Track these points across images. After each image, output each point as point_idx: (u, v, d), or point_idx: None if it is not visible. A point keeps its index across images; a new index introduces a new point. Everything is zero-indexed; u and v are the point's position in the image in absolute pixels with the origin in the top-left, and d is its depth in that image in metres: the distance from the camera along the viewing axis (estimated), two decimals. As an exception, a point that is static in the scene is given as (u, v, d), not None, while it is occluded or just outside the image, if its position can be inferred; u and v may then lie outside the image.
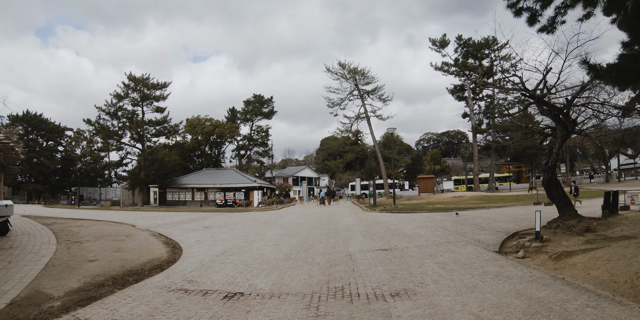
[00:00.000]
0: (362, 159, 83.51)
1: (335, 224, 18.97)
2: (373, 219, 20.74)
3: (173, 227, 19.09)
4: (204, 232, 16.92)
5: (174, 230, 17.67)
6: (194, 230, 17.44)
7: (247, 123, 74.01)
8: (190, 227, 19.18)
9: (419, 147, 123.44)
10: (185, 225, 19.84)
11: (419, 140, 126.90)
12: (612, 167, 75.93)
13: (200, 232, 16.94)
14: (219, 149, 68.66)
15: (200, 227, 19.13)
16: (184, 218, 25.15)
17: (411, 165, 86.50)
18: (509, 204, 26.82)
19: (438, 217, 20.16)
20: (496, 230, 13.96)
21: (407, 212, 24.63)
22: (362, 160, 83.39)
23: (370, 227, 16.61)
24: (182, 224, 20.52)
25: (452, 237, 12.76)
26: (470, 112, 55.04)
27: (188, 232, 16.94)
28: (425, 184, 52.31)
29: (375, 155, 65.17)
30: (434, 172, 66.03)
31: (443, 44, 55.58)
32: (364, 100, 54.49)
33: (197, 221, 22.65)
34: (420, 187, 52.44)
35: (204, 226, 19.43)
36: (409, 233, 14.11)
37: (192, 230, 17.73)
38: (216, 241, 13.77)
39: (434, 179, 56.01)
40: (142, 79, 52.05)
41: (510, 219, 17.51)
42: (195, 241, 13.85)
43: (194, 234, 16.23)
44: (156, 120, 52.98)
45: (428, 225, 16.46)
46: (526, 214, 19.05)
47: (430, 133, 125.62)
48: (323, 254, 10.58)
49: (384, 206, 30.56)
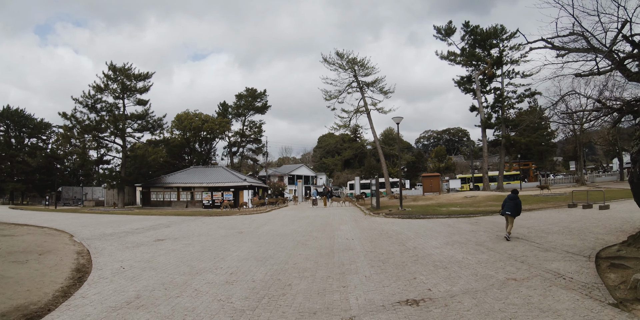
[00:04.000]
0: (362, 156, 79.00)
1: (330, 236, 14.41)
2: (379, 228, 16.16)
3: (118, 239, 15.03)
4: (148, 248, 12.60)
5: (114, 244, 13.77)
6: (137, 246, 13.18)
7: (239, 118, 69.40)
8: (138, 239, 14.85)
9: (419, 145, 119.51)
10: (135, 237, 15.65)
11: (418, 138, 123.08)
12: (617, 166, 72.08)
13: (143, 248, 12.65)
14: (209, 145, 64.26)
15: (151, 239, 14.78)
16: (146, 225, 20.97)
17: (412, 163, 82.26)
18: (537, 207, 22.53)
19: (463, 225, 15.64)
20: (564, 250, 9.64)
21: (418, 217, 20.13)
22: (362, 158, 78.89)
23: (378, 244, 12.03)
24: (133, 235, 16.41)
25: (511, 265, 8.31)
26: (479, 105, 50.67)
27: (129, 248, 12.81)
28: (430, 183, 47.86)
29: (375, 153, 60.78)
30: (438, 169, 61.73)
31: (449, 32, 51.10)
32: (363, 92, 49.78)
33: (157, 230, 18.41)
34: (425, 186, 48.02)
35: (157, 238, 15.05)
36: (437, 257, 9.58)
37: (136, 244, 13.50)
38: (145, 269, 9.37)
39: (440, 178, 51.52)
40: (123, 69, 47.22)
41: (563, 229, 13.18)
42: (119, 267, 9.62)
43: (132, 252, 11.94)
44: (137, 114, 48.24)
45: (458, 240, 11.93)
46: (574, 221, 15.13)
47: (430, 131, 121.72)
48: (301, 314, 6.04)
49: (389, 208, 26.08)
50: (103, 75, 46.35)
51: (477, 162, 70.83)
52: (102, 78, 46.34)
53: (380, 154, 50.21)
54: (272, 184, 61.09)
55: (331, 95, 50.28)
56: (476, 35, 50.72)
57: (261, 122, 69.09)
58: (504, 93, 51.07)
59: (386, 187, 48.87)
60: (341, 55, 49.23)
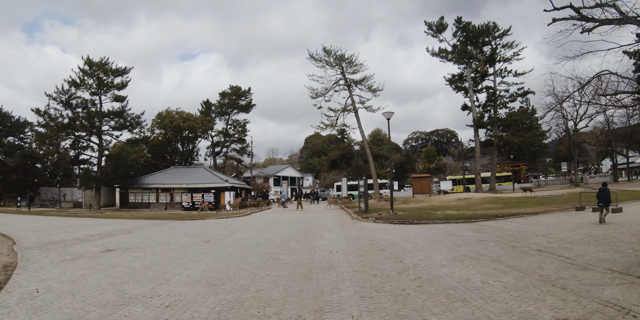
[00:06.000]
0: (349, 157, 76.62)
1: (310, 247, 12.03)
2: (369, 237, 13.85)
3: (62, 248, 12.74)
4: (86, 262, 10.27)
5: (52, 255, 11.58)
6: (77, 258, 10.89)
7: (222, 117, 66.84)
8: (84, 249, 12.52)
9: (407, 146, 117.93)
10: (83, 246, 13.29)
11: (407, 139, 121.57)
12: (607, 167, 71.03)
13: (81, 262, 10.34)
14: (192, 145, 61.71)
15: (99, 250, 12.42)
16: (106, 230, 18.49)
17: (400, 164, 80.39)
18: (540, 210, 20.55)
19: (467, 233, 13.42)
20: (606, 267, 7.60)
21: (413, 223, 17.92)
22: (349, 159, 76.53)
23: (369, 260, 9.70)
24: (83, 243, 14.01)
25: (550, 294, 6.10)
26: (471, 104, 48.86)
27: (65, 261, 10.57)
28: (421, 184, 45.54)
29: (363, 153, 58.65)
30: (428, 170, 59.78)
31: (440, 28, 49.20)
32: (351, 90, 47.57)
33: (114, 237, 15.97)
34: (415, 188, 45.74)
35: (106, 248, 12.64)
36: (448, 281, 7.26)
37: (77, 256, 11.22)
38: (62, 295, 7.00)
39: (430, 179, 49.46)
40: (100, 64, 44.40)
41: (586, 237, 11.14)
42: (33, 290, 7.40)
43: (64, 267, 9.67)
44: (114, 111, 45.38)
45: (467, 254, 9.67)
46: (591, 227, 13.39)
47: (418, 132, 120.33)
48: None
49: (379, 212, 23.85)
50: (79, 69, 43.53)
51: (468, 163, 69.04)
52: (78, 73, 43.50)
53: (368, 154, 48.07)
54: (255, 185, 58.62)
55: (317, 93, 48.07)
56: (468, 32, 49.06)
57: (245, 121, 66.68)
58: (497, 92, 49.40)
59: (374, 188, 46.79)
60: (328, 51, 47.00)
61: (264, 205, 40.84)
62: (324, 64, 47.38)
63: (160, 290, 7.37)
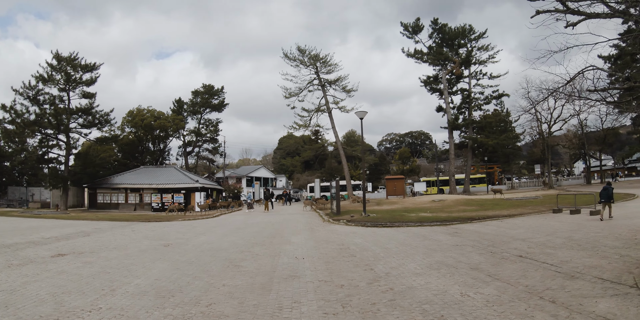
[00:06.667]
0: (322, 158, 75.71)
1: (275, 253, 11.11)
2: (339, 241, 13.00)
3: (12, 253, 11.86)
4: (33, 268, 9.36)
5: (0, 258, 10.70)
6: (24, 264, 9.97)
7: (194, 116, 65.28)
8: (35, 254, 11.53)
9: (381, 148, 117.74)
10: (35, 250, 12.29)
11: (381, 140, 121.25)
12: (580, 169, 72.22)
13: (28, 268, 9.42)
14: (163, 144, 59.98)
15: (51, 254, 11.42)
16: (65, 233, 17.25)
17: (374, 166, 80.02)
18: (516, 212, 20.14)
19: (442, 237, 12.70)
20: (595, 276, 6.98)
21: (385, 225, 17.17)
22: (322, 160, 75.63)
23: (337, 267, 8.84)
24: (35, 246, 12.96)
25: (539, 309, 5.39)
26: (445, 106, 48.75)
27: (11, 266, 9.80)
28: (394, 186, 45.03)
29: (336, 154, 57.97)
30: (402, 172, 59.45)
31: (416, 29, 48.96)
32: (325, 90, 46.90)
33: (71, 240, 14.85)
34: (389, 189, 45.21)
35: (59, 253, 11.62)
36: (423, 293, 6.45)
37: (25, 261, 10.31)
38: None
39: (404, 181, 49.03)
40: (69, 59, 42.46)
41: (568, 242, 10.57)
42: None
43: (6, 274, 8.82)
44: (82, 108, 43.49)
45: (443, 261, 8.90)
46: (572, 230, 12.85)
47: (393, 133, 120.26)
48: None
49: (351, 214, 23.06)
50: (47, 64, 41.52)
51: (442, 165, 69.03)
52: (46, 68, 41.53)
53: (341, 155, 47.44)
54: (227, 185, 57.32)
55: (291, 93, 47.31)
56: (444, 33, 49.02)
57: (218, 121, 65.28)
58: (471, 94, 49.42)
59: (348, 190, 46.20)
60: (303, 51, 46.28)
61: (235, 206, 39.69)
62: (298, 63, 46.65)
63: (102, 302, 6.45)
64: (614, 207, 15.82)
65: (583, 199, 20.78)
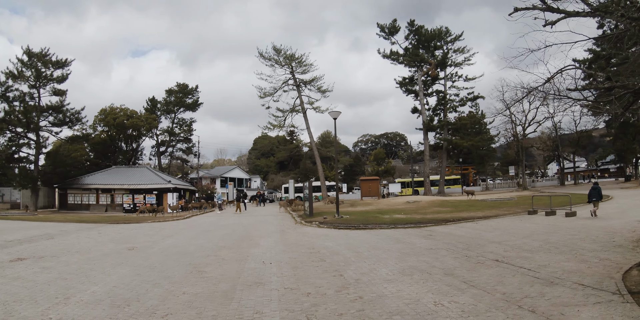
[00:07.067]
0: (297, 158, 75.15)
1: (242, 257, 10.58)
2: (309, 244, 12.50)
3: None
4: None
5: None
6: None
7: (168, 115, 63.90)
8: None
9: (357, 149, 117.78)
10: None
11: (356, 141, 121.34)
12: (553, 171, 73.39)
13: None
14: (136, 144, 58.55)
15: (9, 259, 10.80)
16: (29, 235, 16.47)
17: (349, 167, 79.83)
18: (490, 214, 20.08)
19: (416, 240, 12.33)
20: (575, 281, 6.67)
21: (358, 228, 16.77)
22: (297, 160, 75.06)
23: (305, 273, 8.33)
24: None
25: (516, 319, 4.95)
26: (421, 107, 48.81)
27: None
28: (369, 187, 44.76)
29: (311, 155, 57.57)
30: (377, 173, 59.33)
31: (393, 30, 48.88)
32: (300, 90, 46.44)
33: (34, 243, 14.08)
34: (363, 191, 44.90)
35: (18, 257, 10.98)
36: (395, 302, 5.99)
37: None
38: None
39: (379, 182, 48.84)
40: (40, 55, 41.02)
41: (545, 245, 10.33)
42: None
43: None
44: (53, 105, 42.06)
45: (417, 266, 8.48)
46: (548, 232, 12.69)
47: (368, 135, 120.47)
48: None
49: (324, 215, 22.62)
50: (17, 60, 40.08)
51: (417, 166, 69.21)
52: (16, 63, 40.05)
53: (316, 156, 47.03)
54: (201, 186, 56.33)
55: (266, 93, 46.70)
56: (421, 35, 49.09)
57: (192, 120, 64.02)
58: (447, 96, 49.65)
59: (322, 191, 45.81)
60: (278, 50, 45.69)
61: (208, 208, 38.88)
62: (274, 62, 46.09)
63: (54, 312, 5.91)
64: (602, 205, 16.57)
65: (558, 200, 20.80)
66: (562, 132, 54.70)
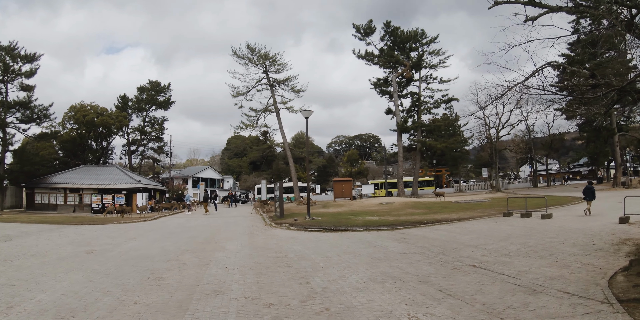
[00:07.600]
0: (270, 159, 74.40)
1: (204, 262, 9.91)
2: (277, 248, 11.86)
3: None
4: None
5: None
6: None
7: (139, 113, 62.25)
8: None
9: (331, 150, 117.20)
10: None
11: (330, 142, 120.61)
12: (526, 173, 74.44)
13: None
14: (107, 142, 56.80)
15: None
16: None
17: (323, 168, 79.37)
18: (465, 216, 19.74)
19: (389, 243, 11.80)
20: (559, 289, 6.20)
21: (329, 230, 16.20)
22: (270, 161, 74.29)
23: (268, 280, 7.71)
24: None
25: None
26: (395, 108, 48.59)
27: None
28: (342, 188, 44.31)
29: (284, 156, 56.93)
30: (350, 174, 58.95)
31: (368, 31, 48.59)
32: (274, 90, 45.72)
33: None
34: (336, 192, 44.42)
35: None
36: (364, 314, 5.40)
37: None
38: None
39: (352, 183, 48.44)
40: (8, 48, 39.22)
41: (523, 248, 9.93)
42: None
43: None
44: (20, 101, 40.31)
45: (389, 272, 7.94)
46: (525, 235, 12.31)
47: (342, 136, 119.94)
48: None
49: (295, 217, 21.96)
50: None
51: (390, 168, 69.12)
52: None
53: (289, 156, 46.42)
54: (172, 186, 55.05)
55: (239, 92, 45.74)
56: (396, 36, 48.90)
57: (164, 119, 62.51)
58: (421, 97, 49.55)
59: (295, 192, 45.29)
60: (252, 48, 44.81)
61: (178, 208, 37.84)
62: (247, 61, 45.19)
63: None
64: (577, 207, 16.93)
65: (533, 202, 20.61)
66: (535, 135, 55.35)
